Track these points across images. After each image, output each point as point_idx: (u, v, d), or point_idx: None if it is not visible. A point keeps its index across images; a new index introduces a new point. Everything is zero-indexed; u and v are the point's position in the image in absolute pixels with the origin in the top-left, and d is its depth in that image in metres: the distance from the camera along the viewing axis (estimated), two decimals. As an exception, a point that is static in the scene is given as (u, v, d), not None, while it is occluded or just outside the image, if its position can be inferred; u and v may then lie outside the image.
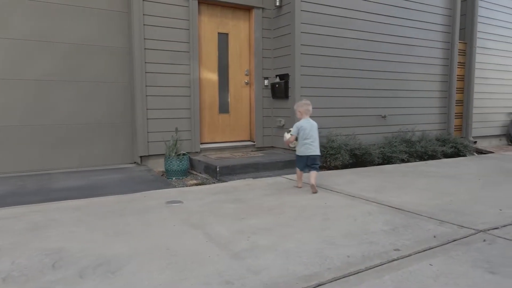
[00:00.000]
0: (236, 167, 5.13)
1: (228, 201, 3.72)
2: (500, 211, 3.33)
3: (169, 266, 2.22)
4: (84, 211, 3.37)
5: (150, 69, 5.33)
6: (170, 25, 5.44)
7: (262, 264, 2.23)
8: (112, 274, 2.12)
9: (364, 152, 5.82)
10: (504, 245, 2.52)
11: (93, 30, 5.26)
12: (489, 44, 8.31)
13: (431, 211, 3.31)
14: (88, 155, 5.33)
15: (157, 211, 3.39)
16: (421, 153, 6.54)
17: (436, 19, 7.34)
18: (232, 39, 6.16)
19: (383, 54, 6.72)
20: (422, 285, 1.97)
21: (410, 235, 2.72)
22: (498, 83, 8.59)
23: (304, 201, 3.70)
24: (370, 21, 6.51)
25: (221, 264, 2.25)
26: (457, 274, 2.10)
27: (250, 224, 2.98)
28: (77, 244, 2.56)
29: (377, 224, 2.97)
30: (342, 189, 4.16)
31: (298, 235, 2.72)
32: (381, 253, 2.39)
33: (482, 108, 8.36)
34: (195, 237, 2.72)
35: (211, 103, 6.06)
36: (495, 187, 4.33)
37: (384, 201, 3.67)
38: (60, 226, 2.95)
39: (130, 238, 2.68)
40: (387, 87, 6.84)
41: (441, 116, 7.63)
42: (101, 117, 5.39)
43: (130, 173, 4.99)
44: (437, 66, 7.47)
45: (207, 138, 6.04)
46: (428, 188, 4.26)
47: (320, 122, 6.10)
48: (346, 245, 2.53)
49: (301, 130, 4.08)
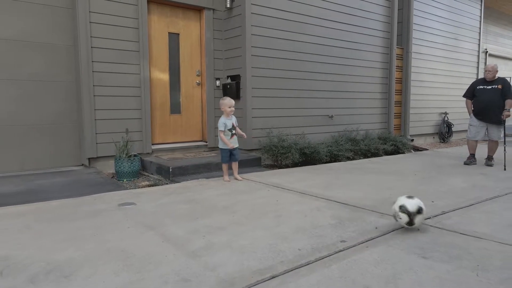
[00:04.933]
0: (189, 168, 5.14)
1: (182, 201, 3.75)
2: (432, 202, 3.69)
3: (125, 268, 2.22)
4: (29, 217, 3.22)
5: (97, 68, 5.17)
6: (119, 24, 5.32)
7: (218, 261, 2.31)
8: (65, 278, 2.09)
9: (313, 150, 6.09)
10: (435, 233, 2.82)
11: (35, 25, 4.99)
12: (423, 50, 9.02)
13: (374, 205, 3.58)
14: (29, 158, 5.05)
15: (109, 214, 3.33)
16: (365, 151, 6.97)
17: (377, 25, 7.85)
18: (183, 39, 6.14)
19: (330, 57, 7.06)
20: (365, 272, 2.16)
21: (355, 227, 2.95)
22: (432, 86, 9.36)
23: (257, 199, 3.83)
24: (319, 26, 6.81)
25: (178, 263, 2.29)
26: (395, 260, 2.33)
27: (205, 224, 3.04)
28: (24, 251, 2.47)
29: (325, 219, 3.17)
30: (293, 187, 4.35)
31: (252, 233, 2.83)
32: (329, 245, 2.57)
33: (418, 108, 9.07)
34: (151, 238, 2.73)
35: (163, 103, 6.00)
36: (428, 181, 4.76)
37: (332, 197, 3.90)
38: (3, 234, 2.81)
39: (82, 243, 2.63)
40: (333, 89, 7.19)
41: (382, 116, 8.17)
42: (44, 118, 5.13)
43: (78, 176, 4.81)
44: (378, 69, 7.98)
45: (158, 138, 5.97)
46: (371, 184, 4.58)
47: (271, 122, 6.31)
48: (297, 239, 2.68)
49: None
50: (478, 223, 3.06)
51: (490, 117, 5.92)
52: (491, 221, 3.11)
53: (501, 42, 12.80)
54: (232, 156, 4.66)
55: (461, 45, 10.05)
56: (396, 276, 2.11)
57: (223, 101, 4.63)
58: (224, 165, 4.69)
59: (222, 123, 4.56)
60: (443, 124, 9.70)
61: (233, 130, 4.64)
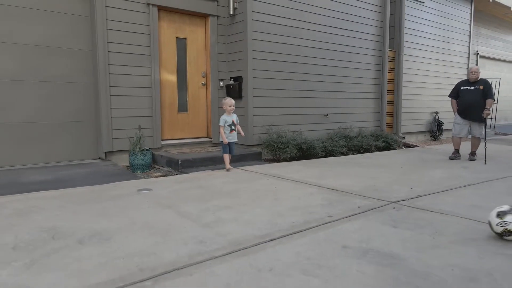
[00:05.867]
0: (196, 161, 5.67)
1: (192, 188, 4.28)
2: (411, 189, 4.22)
3: (151, 234, 2.76)
4: (62, 199, 3.76)
5: (113, 70, 5.70)
6: (132, 30, 5.85)
7: (227, 230, 2.85)
8: (106, 240, 2.63)
9: (309, 146, 6.62)
10: (407, 211, 3.35)
11: (57, 32, 5.51)
12: (414, 52, 9.55)
13: (360, 190, 4.11)
14: (53, 151, 5.58)
15: (130, 197, 3.87)
16: (358, 147, 7.50)
17: (370, 30, 8.38)
18: (190, 43, 6.68)
19: (326, 59, 7.59)
20: (345, 236, 2.69)
21: (341, 206, 3.48)
22: (423, 86, 9.88)
23: (258, 186, 4.36)
24: (315, 31, 7.34)
25: (193, 231, 2.83)
26: (371, 229, 2.86)
27: (214, 204, 3.57)
28: (66, 223, 3.00)
29: (316, 201, 3.70)
30: (290, 177, 4.88)
31: (253, 211, 3.36)
32: (318, 219, 3.11)
33: (410, 108, 9.59)
34: (169, 214, 3.26)
35: (171, 102, 6.54)
36: (412, 172, 5.29)
37: (324, 184, 4.43)
38: (44, 211, 3.34)
39: (111, 217, 3.16)
40: (329, 89, 7.72)
41: (375, 115, 8.70)
42: (66, 115, 5.66)
43: (97, 168, 5.35)
44: (371, 71, 8.51)
45: (167, 135, 6.51)
46: (361, 175, 5.11)
47: (271, 120, 6.84)
48: (292, 215, 3.22)
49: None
50: (446, 204, 3.59)
51: (472, 116, 6.43)
52: (457, 202, 3.64)
53: (492, 44, 13.32)
54: (230, 150, 5.30)
55: (451, 48, 10.57)
56: (369, 239, 2.64)
57: (224, 101, 5.29)
58: (225, 155, 5.30)
59: (222, 120, 5.23)
60: (434, 123, 10.23)
61: (232, 126, 5.27)
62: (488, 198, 3.82)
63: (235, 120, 5.31)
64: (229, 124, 5.24)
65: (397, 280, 2.03)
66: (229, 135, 5.25)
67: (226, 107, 5.25)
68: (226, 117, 5.25)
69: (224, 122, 5.22)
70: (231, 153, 5.38)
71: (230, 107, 5.24)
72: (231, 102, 5.26)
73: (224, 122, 5.22)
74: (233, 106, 5.28)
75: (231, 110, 5.27)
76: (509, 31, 14.16)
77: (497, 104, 12.19)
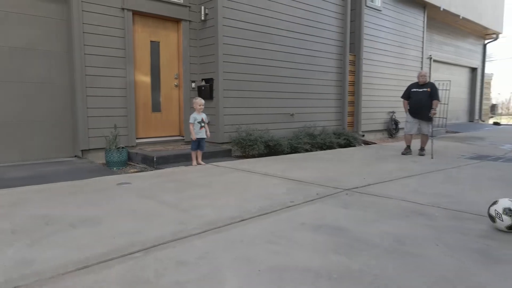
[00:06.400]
0: (170, 157, 6.04)
1: (168, 181, 4.66)
2: (364, 179, 4.80)
3: (136, 219, 3.14)
4: (48, 192, 4.04)
5: (89, 72, 5.96)
6: (108, 33, 6.13)
7: (203, 214, 3.28)
8: (96, 224, 2.99)
9: (276, 143, 7.14)
10: (357, 196, 3.91)
11: (35, 35, 5.70)
12: (373, 56, 10.31)
13: (319, 181, 4.65)
14: (30, 150, 5.76)
15: (112, 190, 4.20)
16: (321, 144, 8.10)
17: (332, 35, 9.02)
18: (163, 46, 7.02)
19: (292, 63, 8.14)
20: (303, 216, 3.20)
21: (302, 194, 3.99)
22: (381, 88, 10.67)
23: (229, 178, 4.81)
24: (282, 36, 7.87)
25: (174, 215, 3.24)
26: (325, 210, 3.38)
27: (190, 194, 3.98)
28: (57, 212, 3.32)
29: (281, 190, 4.19)
30: (258, 171, 5.36)
31: (225, 198, 3.80)
32: (281, 203, 3.59)
33: (369, 108, 10.35)
34: (150, 203, 3.65)
35: (145, 102, 6.85)
36: (368, 166, 5.91)
37: (288, 176, 4.94)
38: (34, 202, 3.63)
39: (98, 206, 3.51)
40: (295, 90, 8.28)
41: (337, 114, 9.36)
42: (43, 115, 5.86)
43: (74, 165, 5.60)
44: (333, 74, 9.16)
45: (142, 133, 6.82)
46: (322, 168, 5.67)
47: (240, 119, 7.29)
48: (259, 201, 3.69)
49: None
50: (391, 190, 4.18)
51: (421, 115, 7.17)
52: (401, 189, 4.25)
53: (444, 49, 14.43)
54: (199, 146, 5.81)
55: (406, 52, 11.46)
56: (323, 217, 3.16)
57: (195, 100, 5.87)
58: (193, 152, 5.83)
59: (192, 117, 5.77)
60: (391, 122, 11.06)
61: (202, 123, 5.80)
62: (427, 185, 4.46)
63: (204, 118, 5.82)
64: (198, 121, 5.76)
65: (341, 243, 2.55)
66: (199, 131, 5.77)
67: (196, 106, 5.77)
68: (196, 115, 5.76)
69: (194, 120, 5.74)
70: (202, 149, 5.87)
71: (200, 106, 5.77)
72: (201, 102, 5.79)
73: (194, 119, 5.74)
74: (202, 106, 5.81)
75: (200, 109, 5.78)
76: (460, 37, 15.37)
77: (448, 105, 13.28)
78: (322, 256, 2.37)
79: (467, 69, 16.61)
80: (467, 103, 16.97)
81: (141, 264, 2.27)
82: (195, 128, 5.73)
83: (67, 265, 2.25)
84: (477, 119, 17.38)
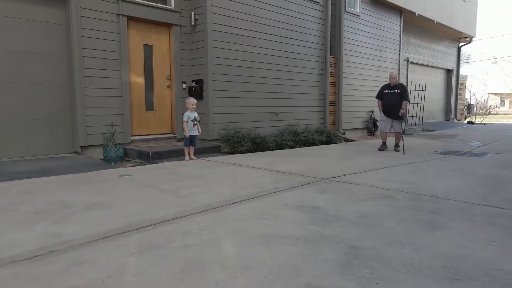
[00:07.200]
0: (164, 153, 6.50)
1: (165, 173, 5.14)
2: (341, 170, 5.38)
3: (141, 203, 3.62)
4: (56, 183, 4.47)
5: (88, 73, 6.37)
6: (104, 37, 6.54)
7: (199, 199, 3.78)
8: (107, 207, 3.46)
9: (262, 140, 7.67)
10: (334, 184, 4.47)
11: (36, 39, 6.07)
12: (352, 59, 10.95)
13: (302, 172, 5.20)
14: (32, 146, 6.14)
15: (114, 181, 4.66)
16: (304, 141, 8.68)
17: (314, 39, 9.61)
18: (156, 50, 7.47)
19: (277, 65, 8.68)
20: (286, 199, 3.73)
21: (286, 183, 4.53)
22: (360, 89, 11.32)
23: (220, 171, 5.31)
24: (268, 40, 8.40)
25: (174, 200, 3.73)
26: (305, 194, 3.93)
27: (186, 184, 4.47)
28: (69, 198, 3.77)
29: (267, 180, 4.72)
30: (246, 164, 5.88)
31: (218, 187, 4.31)
32: (267, 190, 4.12)
33: (349, 107, 10.98)
34: (151, 191, 4.12)
35: (139, 102, 7.29)
36: (346, 160, 6.50)
37: (274, 169, 5.48)
38: (46, 191, 4.06)
39: (105, 194, 3.97)
40: (279, 91, 8.82)
41: (319, 113, 9.95)
42: (44, 113, 6.23)
43: (75, 160, 6.01)
44: (315, 75, 9.75)
45: (136, 131, 7.25)
46: (304, 162, 6.22)
47: (229, 117, 7.79)
48: (248, 189, 4.21)
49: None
50: (363, 179, 4.76)
51: (393, 114, 7.81)
52: (372, 178, 4.84)
53: (420, 52, 15.22)
54: (192, 142, 6.29)
55: (384, 55, 12.16)
56: (303, 200, 3.70)
57: (188, 100, 6.36)
58: (186, 148, 6.33)
59: (186, 115, 6.26)
60: (370, 120, 11.73)
61: (195, 121, 6.31)
62: (395, 175, 5.06)
63: (196, 116, 6.31)
64: (192, 119, 6.25)
65: (317, 218, 3.09)
66: (192, 129, 6.26)
67: (189, 106, 6.25)
68: (189, 114, 6.25)
69: (188, 118, 6.22)
70: (194, 145, 6.39)
71: (193, 105, 6.26)
72: (193, 101, 6.28)
73: (188, 117, 6.22)
74: (195, 105, 6.29)
75: (193, 108, 6.27)
76: (435, 41, 16.20)
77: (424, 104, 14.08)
78: (301, 227, 2.91)
79: (443, 71, 17.49)
80: (443, 103, 17.85)
81: (153, 234, 2.77)
82: (189, 125, 6.21)
83: (91, 236, 2.73)
84: (452, 118, 18.29)
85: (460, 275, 2.10)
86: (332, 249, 2.46)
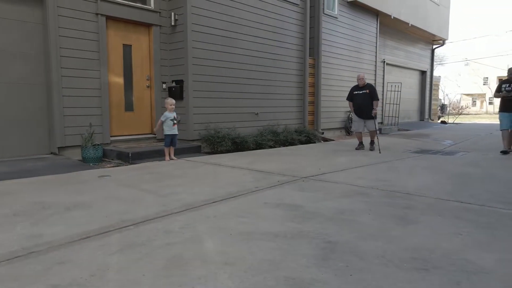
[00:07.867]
0: (144, 153, 6.49)
1: (146, 173, 5.15)
2: (319, 169, 5.52)
3: (123, 203, 3.64)
4: (37, 184, 4.42)
5: (65, 73, 6.29)
6: (82, 37, 6.47)
7: (181, 198, 3.82)
8: (88, 207, 3.46)
9: (242, 140, 7.75)
10: (312, 182, 4.60)
11: (12, 38, 5.95)
12: (331, 60, 11.17)
13: (281, 171, 5.31)
14: (7, 147, 6.00)
15: (95, 181, 4.64)
16: (284, 141, 8.81)
17: (293, 40, 9.76)
18: (135, 50, 7.43)
19: (256, 66, 8.77)
20: (267, 198, 3.83)
21: (265, 181, 4.62)
22: (338, 89, 11.54)
23: (201, 171, 5.37)
24: (248, 41, 8.48)
25: (155, 200, 3.76)
26: (284, 193, 4.04)
27: (167, 183, 4.51)
28: (50, 199, 3.75)
29: (247, 179, 4.81)
30: (226, 164, 5.94)
31: (199, 187, 4.36)
32: (247, 189, 4.21)
33: (328, 107, 11.20)
34: (132, 191, 4.14)
35: (118, 102, 7.24)
36: (324, 159, 6.66)
37: (254, 168, 5.56)
38: (26, 192, 4.02)
39: (86, 194, 3.96)
40: (259, 91, 8.92)
41: (298, 113, 10.12)
42: (20, 114, 6.10)
43: (53, 161, 5.92)
44: (294, 76, 9.90)
45: (115, 131, 7.19)
46: (284, 161, 6.34)
47: (209, 117, 7.84)
48: (228, 188, 4.28)
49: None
50: (340, 177, 4.91)
51: (364, 114, 8.00)
52: (348, 176, 5.00)
53: (396, 53, 15.63)
54: (172, 142, 6.38)
55: (362, 57, 12.45)
56: (282, 198, 3.80)
57: (166, 100, 6.49)
58: (166, 148, 6.39)
59: (164, 115, 6.38)
60: (348, 120, 11.97)
61: (174, 121, 6.39)
62: (370, 173, 5.24)
63: (175, 115, 6.42)
64: (171, 119, 6.32)
65: (295, 215, 3.20)
66: (172, 128, 6.33)
67: (167, 106, 6.36)
68: (168, 114, 6.34)
69: (166, 118, 6.32)
70: (174, 145, 6.44)
71: (171, 105, 6.35)
72: (172, 102, 6.39)
73: (166, 117, 6.32)
74: (173, 105, 6.40)
75: (172, 109, 6.35)
76: (410, 43, 16.67)
77: (399, 105, 14.50)
78: (280, 224, 3.01)
79: (418, 72, 18.01)
80: (418, 103, 18.38)
81: (134, 233, 2.81)
82: (169, 124, 6.27)
83: (72, 236, 2.74)
84: (427, 118, 18.86)
85: (428, 266, 2.25)
86: (309, 244, 2.57)
